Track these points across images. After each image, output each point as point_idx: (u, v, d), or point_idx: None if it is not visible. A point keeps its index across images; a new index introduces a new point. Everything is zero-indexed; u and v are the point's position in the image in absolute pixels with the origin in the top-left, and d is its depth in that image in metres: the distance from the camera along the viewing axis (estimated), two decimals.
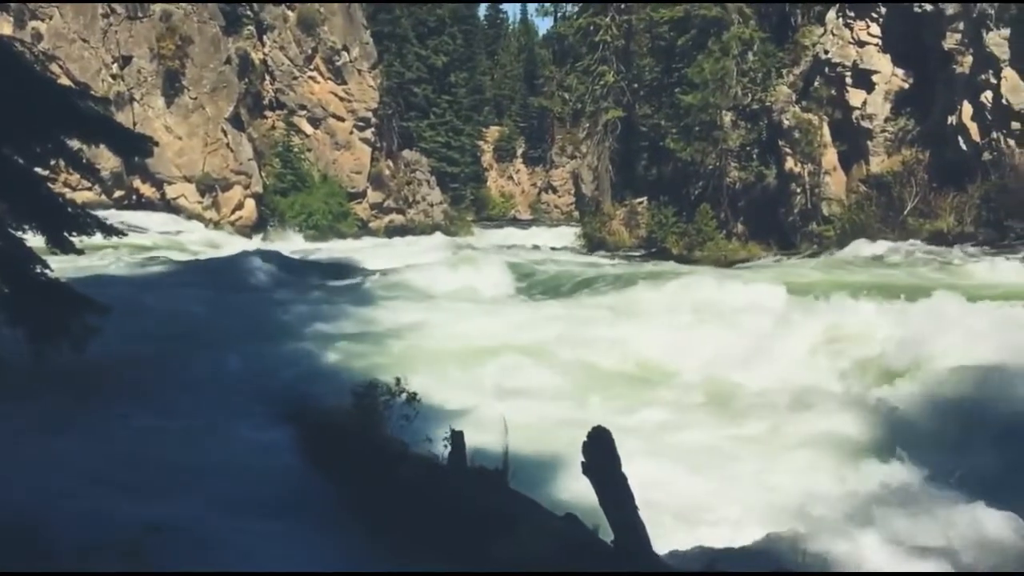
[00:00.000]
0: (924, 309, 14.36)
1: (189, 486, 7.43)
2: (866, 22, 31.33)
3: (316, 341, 14.07)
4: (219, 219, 39.13)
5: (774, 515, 7.64)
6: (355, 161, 44.77)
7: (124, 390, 10.40)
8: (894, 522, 7.48)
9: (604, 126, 40.40)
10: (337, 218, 42.61)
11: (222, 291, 18.48)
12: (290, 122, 43.89)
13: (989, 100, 27.60)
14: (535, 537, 6.42)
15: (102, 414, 9.34)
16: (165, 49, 38.45)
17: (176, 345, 12.74)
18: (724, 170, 33.58)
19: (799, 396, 11.40)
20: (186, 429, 8.89)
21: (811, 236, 31.30)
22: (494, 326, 15.34)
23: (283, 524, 6.91)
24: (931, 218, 28.15)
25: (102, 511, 6.44)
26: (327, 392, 9.57)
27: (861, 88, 31.45)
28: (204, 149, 38.97)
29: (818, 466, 9.19)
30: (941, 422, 10.14)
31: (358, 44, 44.28)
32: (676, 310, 15.76)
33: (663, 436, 10.11)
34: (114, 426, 8.99)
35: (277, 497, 7.20)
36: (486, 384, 11.84)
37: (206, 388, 10.32)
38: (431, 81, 56.82)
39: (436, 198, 50.27)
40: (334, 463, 7.91)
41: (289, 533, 6.74)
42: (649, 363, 12.93)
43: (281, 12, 43.29)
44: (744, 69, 33.06)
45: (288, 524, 6.92)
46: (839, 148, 32.03)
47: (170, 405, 9.64)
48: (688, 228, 33.07)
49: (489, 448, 7.36)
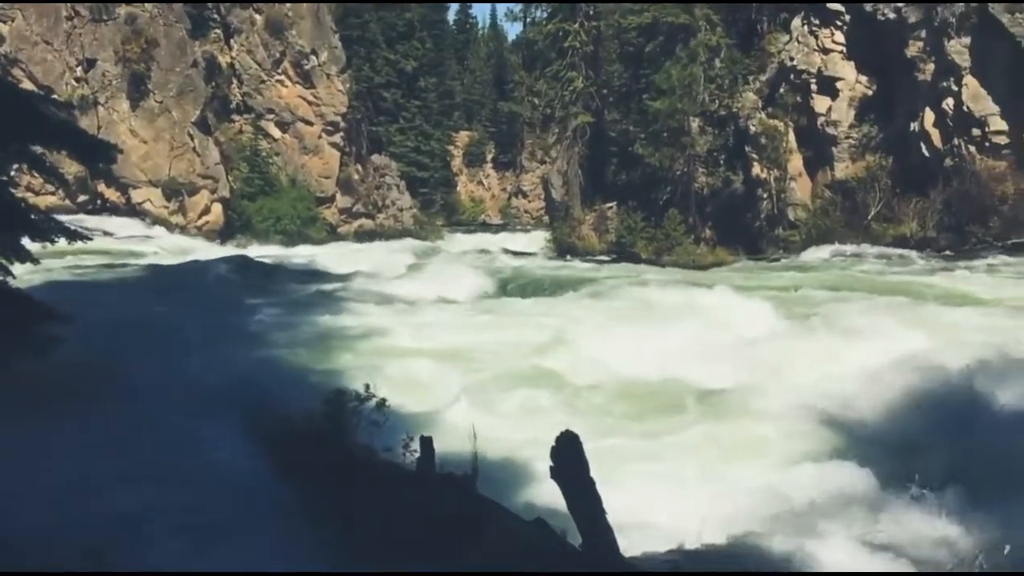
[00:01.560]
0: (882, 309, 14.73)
1: (153, 492, 7.35)
2: (831, 30, 31.80)
3: (283, 347, 13.99)
4: (185, 224, 38.71)
5: (733, 517, 7.73)
6: (324, 165, 44.52)
7: (85, 397, 10.25)
8: (850, 521, 7.61)
9: (573, 131, 40.58)
10: (305, 223, 42.31)
11: (187, 297, 18.30)
12: (258, 126, 43.55)
13: (950, 107, 28.13)
14: (504, 541, 6.45)
15: (62, 421, 9.21)
16: (130, 52, 37.99)
17: (139, 352, 12.58)
18: (692, 175, 33.88)
19: (749, 398, 11.50)
20: (149, 435, 8.78)
21: (777, 241, 31.67)
22: (463, 331, 15.34)
23: (249, 530, 6.87)
24: (894, 223, 28.62)
25: (62, 516, 6.37)
26: (294, 398, 9.51)
27: (826, 95, 31.91)
28: (170, 153, 38.54)
29: (772, 468, 9.28)
30: (893, 423, 10.32)
31: (327, 48, 44.06)
32: (635, 314, 15.92)
33: (621, 441, 10.17)
34: (73, 433, 8.87)
35: (243, 503, 7.15)
36: (455, 389, 11.84)
37: (170, 395, 10.21)
38: (400, 86, 56.67)
39: (406, 203, 50.11)
40: (302, 469, 7.88)
41: (256, 539, 6.70)
42: (608, 369, 12.93)
43: (248, 15, 42.96)
44: (711, 75, 33.39)
45: (255, 530, 6.88)
46: (804, 154, 32.45)
47: (132, 412, 9.51)
48: (657, 233, 33.30)
49: (458, 454, 7.37)
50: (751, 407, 11.23)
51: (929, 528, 7.42)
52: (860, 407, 10.90)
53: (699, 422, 10.97)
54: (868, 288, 18.88)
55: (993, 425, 9.94)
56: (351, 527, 6.95)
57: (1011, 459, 8.86)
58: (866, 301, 16.70)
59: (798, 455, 9.69)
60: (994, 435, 9.65)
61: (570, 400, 11.79)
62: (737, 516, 7.80)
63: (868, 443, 9.98)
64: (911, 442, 9.68)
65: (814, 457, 9.69)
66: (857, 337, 13.20)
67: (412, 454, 7.37)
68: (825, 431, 10.40)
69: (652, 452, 9.89)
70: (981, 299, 17.19)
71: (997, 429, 9.80)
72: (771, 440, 10.15)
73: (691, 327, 14.46)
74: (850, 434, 10.32)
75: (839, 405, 10.95)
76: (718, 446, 10.06)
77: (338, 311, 17.06)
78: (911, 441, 9.72)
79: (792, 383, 11.80)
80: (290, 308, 17.49)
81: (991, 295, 17.55)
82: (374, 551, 6.56)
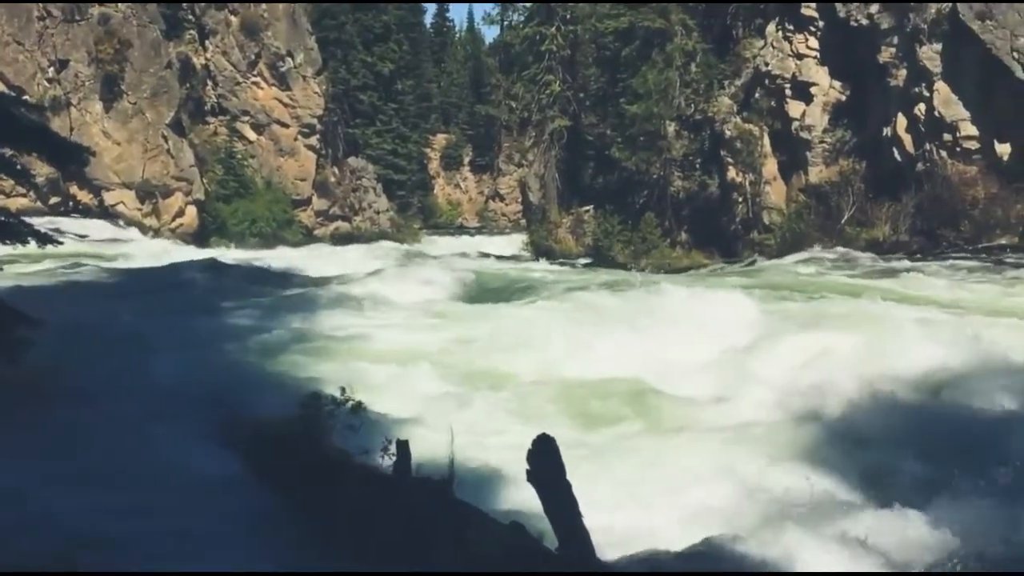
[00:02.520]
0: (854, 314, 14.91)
1: (129, 496, 7.27)
2: (805, 35, 32.11)
3: (259, 350, 13.89)
4: (159, 226, 38.35)
5: (710, 518, 7.77)
6: (300, 168, 44.32)
7: (58, 400, 10.15)
8: (826, 522, 7.67)
9: (550, 135, 40.67)
10: (281, 225, 42.09)
11: (160, 300, 18.12)
12: (233, 128, 43.26)
13: (922, 112, 28.49)
14: (480, 544, 6.44)
15: (34, 424, 9.10)
16: (103, 53, 37.60)
17: (109, 355, 12.46)
18: (668, 179, 34.06)
19: (723, 401, 11.56)
20: (123, 439, 8.69)
21: (752, 244, 31.90)
22: (439, 334, 15.30)
23: (224, 534, 6.81)
24: (867, 227, 28.92)
25: (38, 518, 6.29)
26: (270, 401, 9.46)
27: (800, 100, 32.22)
28: (144, 155, 38.18)
29: (748, 468, 9.34)
30: (869, 425, 10.42)
31: (303, 50, 43.88)
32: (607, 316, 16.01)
33: (595, 442, 10.19)
34: (46, 436, 8.76)
35: (218, 507, 7.09)
36: (431, 392, 11.81)
37: (144, 398, 10.11)
38: (377, 88, 56.51)
39: (382, 206, 49.98)
40: (277, 473, 7.82)
41: (230, 542, 6.64)
42: (581, 371, 12.94)
43: (224, 17, 42.69)
44: (687, 80, 33.60)
45: (229, 534, 6.82)
46: (779, 158, 32.74)
47: (107, 416, 9.41)
48: (633, 236, 33.44)
49: (434, 457, 7.35)
50: (722, 406, 11.29)
51: (906, 529, 7.49)
52: (832, 407, 11.00)
53: (670, 423, 11.01)
54: (833, 289, 19.21)
55: (966, 423, 10.07)
56: (326, 531, 6.91)
57: (983, 458, 8.98)
58: (832, 302, 16.99)
59: (771, 456, 9.75)
60: (966, 434, 9.78)
61: (545, 402, 11.78)
62: (714, 517, 7.83)
63: (844, 442, 10.07)
64: (884, 442, 9.77)
65: (787, 457, 9.75)
66: (824, 336, 13.35)
67: (389, 458, 7.33)
68: (796, 431, 10.48)
69: (623, 453, 9.91)
70: (946, 300, 17.48)
71: (970, 427, 9.93)
72: (742, 440, 10.20)
73: (660, 329, 14.54)
74: (825, 434, 10.40)
75: (810, 405, 11.04)
76: (691, 447, 10.10)
77: (313, 314, 16.97)
78: (884, 441, 9.81)
79: (762, 382, 11.87)
80: (265, 311, 17.36)
81: (953, 296, 17.93)
82: (350, 555, 6.52)
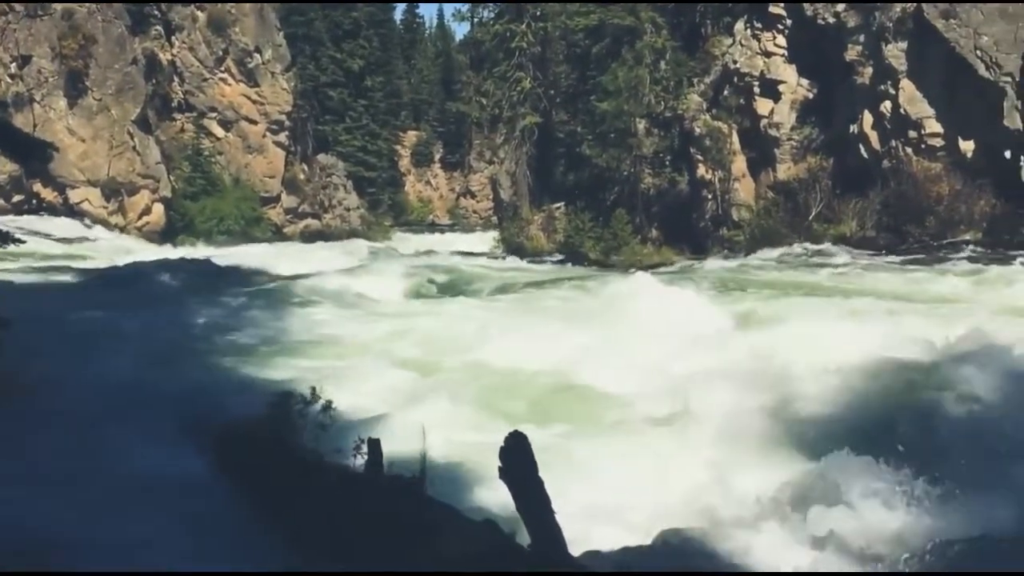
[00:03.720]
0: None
1: (95, 498, 7.16)
2: (772, 33, 32.37)
3: (226, 350, 13.75)
4: (125, 224, 37.87)
5: (678, 515, 7.81)
6: (268, 165, 43.93)
7: (22, 403, 9.97)
8: (793, 517, 7.74)
9: (521, 132, 40.65)
10: (250, 223, 41.68)
11: (127, 299, 17.88)
12: (200, 125, 42.77)
13: (888, 110, 28.85)
14: (452, 543, 6.42)
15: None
16: (67, 49, 37.02)
17: (78, 357, 12.27)
18: (639, 176, 34.18)
19: (687, 396, 11.64)
20: (88, 442, 8.56)
21: (722, 241, 32.12)
22: (409, 332, 15.25)
23: (193, 536, 6.73)
24: (835, 223, 29.23)
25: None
26: (239, 402, 9.37)
27: (768, 97, 32.48)
28: (109, 152, 37.66)
29: (717, 465, 9.40)
30: (836, 419, 10.54)
31: (271, 46, 43.49)
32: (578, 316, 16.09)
33: (570, 439, 10.21)
34: (9, 439, 8.61)
35: (187, 508, 7.01)
36: (402, 391, 11.76)
37: (109, 400, 9.96)
38: (347, 84, 56.19)
39: (353, 203, 49.69)
40: (247, 473, 7.75)
41: (200, 544, 6.57)
42: (554, 371, 12.96)
43: (190, 12, 42.18)
44: (657, 77, 33.72)
45: (199, 535, 6.74)
46: (748, 155, 32.98)
47: (71, 418, 9.26)
48: (604, 233, 33.52)
49: (406, 456, 7.32)
50: (689, 400, 11.35)
51: (877, 521, 7.57)
52: (800, 400, 11.10)
53: (641, 419, 11.06)
54: (799, 286, 19.53)
55: (937, 415, 10.22)
56: (297, 532, 6.85)
57: (956, 450, 9.12)
58: (798, 297, 17.25)
59: (741, 451, 9.82)
60: (939, 425, 9.93)
61: (521, 399, 11.78)
62: (684, 513, 7.88)
63: (813, 436, 10.16)
64: (857, 438, 9.87)
65: (756, 452, 9.83)
66: (788, 330, 13.51)
67: (360, 456, 7.29)
68: (765, 425, 10.56)
69: (593, 451, 9.94)
70: (920, 295, 17.82)
71: (942, 420, 10.08)
72: (711, 436, 10.26)
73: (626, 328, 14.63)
74: (795, 428, 10.50)
75: (779, 399, 11.13)
76: (661, 443, 10.15)
77: (282, 312, 16.86)
78: (857, 437, 9.92)
79: (728, 375, 11.97)
80: (232, 310, 17.21)
81: (907, 289, 18.36)
82: (321, 555, 6.48)
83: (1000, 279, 19.73)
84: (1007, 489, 8.20)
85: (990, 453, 8.95)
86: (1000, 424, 9.67)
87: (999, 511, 7.90)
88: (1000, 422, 9.72)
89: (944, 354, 11.82)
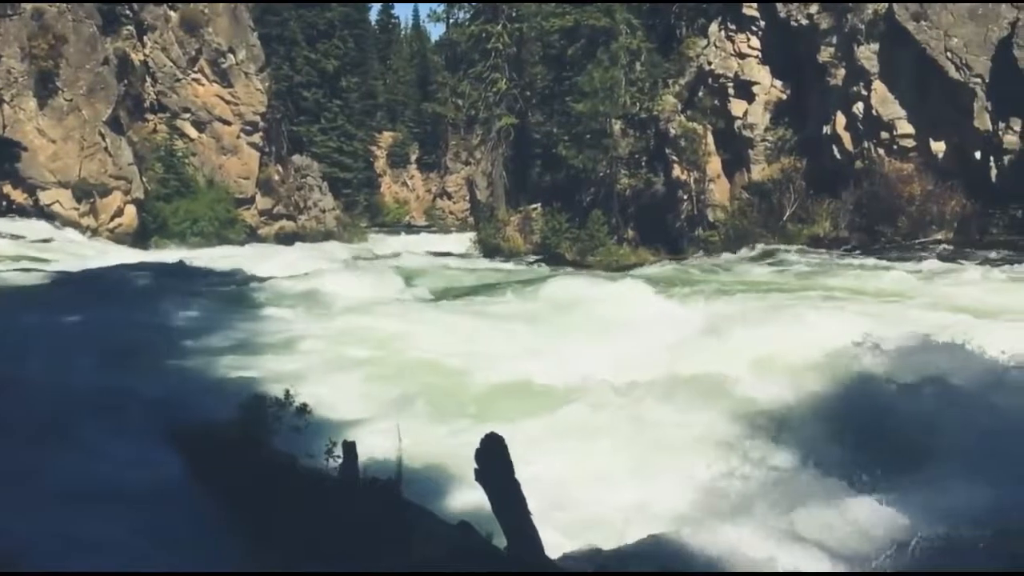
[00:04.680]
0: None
1: (60, 505, 7.02)
2: (746, 35, 32.60)
3: (199, 353, 13.59)
4: (97, 226, 37.38)
5: (655, 514, 7.81)
6: (243, 166, 43.57)
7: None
8: (771, 515, 7.77)
9: (498, 133, 40.69)
10: (224, 225, 41.30)
11: (98, 302, 17.60)
12: (173, 125, 42.35)
13: (861, 111, 29.14)
14: (428, 545, 6.39)
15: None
16: (37, 49, 36.51)
17: (40, 359, 12.07)
18: (615, 177, 34.32)
19: (661, 393, 11.65)
20: (54, 447, 8.40)
21: (698, 241, 32.30)
22: (384, 334, 15.16)
23: (164, 540, 6.63)
24: (809, 223, 29.48)
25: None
26: (211, 405, 9.26)
27: (742, 99, 32.71)
28: (80, 153, 37.16)
29: (692, 463, 9.41)
30: (808, 416, 10.60)
31: (245, 46, 43.15)
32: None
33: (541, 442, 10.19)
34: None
35: (156, 513, 6.90)
36: (378, 394, 11.69)
37: (77, 405, 9.79)
38: (322, 85, 55.95)
39: (328, 204, 49.43)
40: (219, 477, 7.65)
41: (171, 549, 6.47)
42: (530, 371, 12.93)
43: (163, 12, 41.77)
44: (632, 79, 33.87)
45: (170, 540, 6.64)
46: (723, 156, 33.19)
47: (37, 423, 9.09)
48: (581, 234, 33.61)
49: (382, 458, 7.27)
50: (665, 401, 11.36)
51: (847, 522, 7.61)
52: (773, 399, 11.15)
53: (618, 417, 11.05)
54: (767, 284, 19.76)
55: (904, 411, 10.30)
56: (270, 537, 6.78)
57: (925, 447, 9.20)
58: (769, 294, 17.45)
59: (716, 450, 9.84)
60: (907, 422, 10.00)
61: (492, 402, 11.74)
62: (661, 513, 7.88)
63: (788, 435, 10.21)
64: (830, 435, 9.94)
65: (733, 451, 9.85)
66: (761, 329, 13.60)
67: (335, 460, 7.22)
68: (740, 424, 10.60)
69: (571, 448, 9.93)
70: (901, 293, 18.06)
71: (910, 415, 10.16)
72: (686, 436, 10.28)
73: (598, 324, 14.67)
74: (771, 426, 10.54)
75: (752, 397, 11.18)
76: (636, 442, 10.15)
77: (255, 314, 16.70)
78: (830, 435, 9.98)
79: (695, 375, 12.01)
80: (205, 312, 17.01)
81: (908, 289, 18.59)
82: (295, 560, 6.41)
83: (949, 275, 20.18)
84: (974, 483, 8.30)
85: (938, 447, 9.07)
86: (945, 418, 9.78)
87: (976, 502, 8.00)
88: (942, 415, 9.83)
89: (890, 350, 11.93)
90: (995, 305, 15.92)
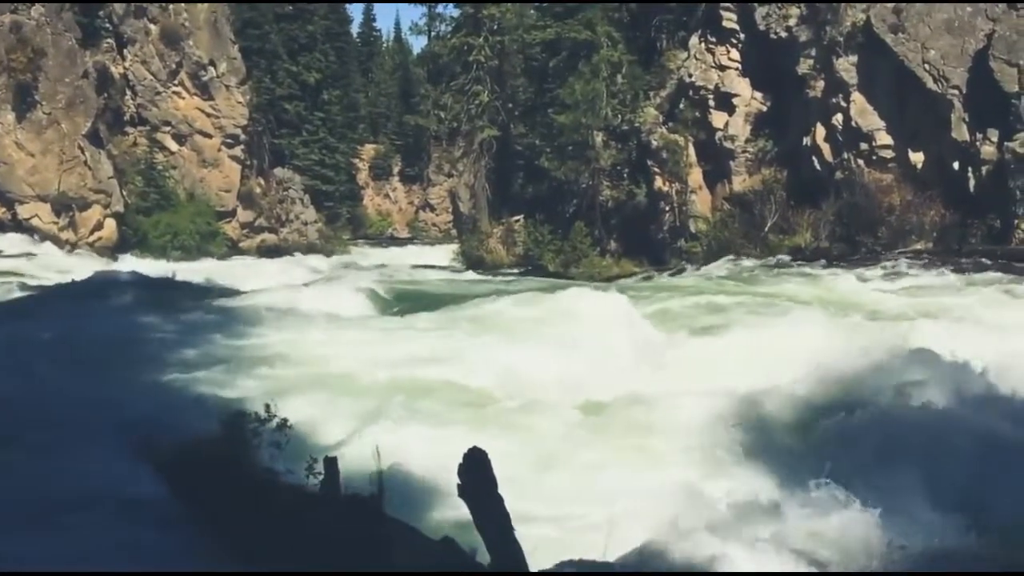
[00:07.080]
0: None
1: (36, 521, 6.90)
2: (727, 47, 32.83)
3: (179, 368, 13.42)
4: (77, 240, 37.09)
5: (641, 525, 7.77)
6: (224, 179, 43.36)
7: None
8: (759, 525, 7.74)
9: (480, 145, 40.75)
10: (205, 238, 41.07)
11: (77, 316, 17.41)
12: (153, 139, 42.13)
13: (840, 122, 29.38)
14: (411, 561, 6.32)
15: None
16: (16, 62, 36.25)
17: (21, 376, 11.90)
18: (597, 189, 34.42)
19: (647, 405, 11.65)
20: (31, 462, 8.26)
21: (680, 252, 32.41)
22: (366, 349, 15.05)
23: (142, 558, 6.52)
24: (790, 234, 29.64)
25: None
26: (190, 420, 9.14)
27: (723, 110, 32.91)
28: (59, 167, 36.88)
29: (679, 473, 9.40)
30: (798, 426, 10.63)
31: (225, 59, 43.01)
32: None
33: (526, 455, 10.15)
34: None
35: (134, 530, 6.78)
36: (359, 409, 11.60)
37: (55, 420, 9.65)
38: (303, 98, 55.78)
39: (310, 217, 49.25)
40: (198, 494, 7.55)
41: (144, 565, 6.36)
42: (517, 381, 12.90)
43: (143, 25, 41.58)
44: (614, 91, 34.03)
45: (148, 558, 6.54)
46: (704, 168, 33.37)
47: (12, 437, 8.94)
48: (564, 245, 33.67)
49: (363, 474, 7.19)
50: (648, 411, 11.35)
51: (837, 532, 7.61)
52: (755, 407, 11.17)
53: (601, 428, 11.03)
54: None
55: (892, 419, 10.35)
56: (251, 553, 6.68)
57: (908, 452, 9.24)
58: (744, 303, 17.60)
59: (698, 460, 9.84)
60: (893, 429, 10.05)
61: (476, 415, 11.69)
62: (643, 525, 7.84)
63: (769, 444, 10.22)
64: (820, 446, 9.96)
65: (714, 462, 9.85)
66: (742, 337, 13.66)
67: (316, 476, 7.14)
68: (720, 434, 10.60)
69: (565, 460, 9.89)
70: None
71: (896, 423, 10.21)
72: (667, 446, 10.28)
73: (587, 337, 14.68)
74: (752, 436, 10.54)
75: (732, 406, 11.19)
76: (617, 453, 10.14)
77: (236, 329, 16.51)
78: (820, 445, 10.00)
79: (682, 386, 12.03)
80: (185, 326, 16.82)
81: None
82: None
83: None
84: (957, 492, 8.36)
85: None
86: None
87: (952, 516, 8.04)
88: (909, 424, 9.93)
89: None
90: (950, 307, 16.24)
